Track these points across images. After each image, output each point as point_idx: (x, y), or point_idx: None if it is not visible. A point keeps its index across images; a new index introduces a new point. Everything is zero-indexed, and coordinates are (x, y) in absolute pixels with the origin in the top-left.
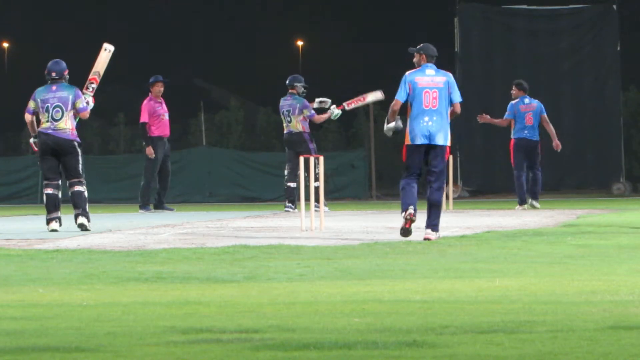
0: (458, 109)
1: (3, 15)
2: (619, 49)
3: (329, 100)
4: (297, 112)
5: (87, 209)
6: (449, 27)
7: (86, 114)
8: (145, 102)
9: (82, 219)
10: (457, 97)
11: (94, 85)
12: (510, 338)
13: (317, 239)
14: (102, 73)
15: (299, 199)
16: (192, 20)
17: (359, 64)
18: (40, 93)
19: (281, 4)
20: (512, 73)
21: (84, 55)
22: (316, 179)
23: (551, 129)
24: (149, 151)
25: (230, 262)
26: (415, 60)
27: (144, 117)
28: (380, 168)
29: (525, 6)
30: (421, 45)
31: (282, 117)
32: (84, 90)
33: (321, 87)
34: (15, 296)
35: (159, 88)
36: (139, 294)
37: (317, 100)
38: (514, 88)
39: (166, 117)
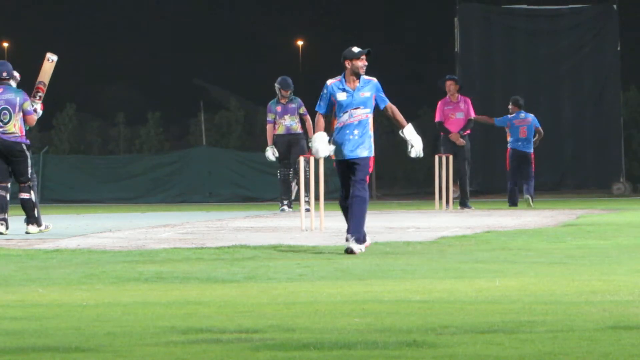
0: None
1: (3, 15)
2: (619, 49)
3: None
4: (295, 112)
5: (36, 214)
6: (449, 27)
7: (32, 119)
8: (440, 101)
9: (29, 227)
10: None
11: (41, 94)
12: (510, 338)
13: (317, 239)
14: (47, 82)
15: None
16: (192, 20)
17: None
18: None
19: (281, 4)
20: (512, 73)
21: (85, 55)
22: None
23: (537, 138)
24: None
25: (230, 262)
26: None
27: (438, 116)
28: (380, 168)
29: (525, 6)
30: None
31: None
32: (32, 99)
33: (320, 88)
34: (15, 296)
35: (450, 86)
36: (139, 294)
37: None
38: (510, 104)
39: (457, 116)
